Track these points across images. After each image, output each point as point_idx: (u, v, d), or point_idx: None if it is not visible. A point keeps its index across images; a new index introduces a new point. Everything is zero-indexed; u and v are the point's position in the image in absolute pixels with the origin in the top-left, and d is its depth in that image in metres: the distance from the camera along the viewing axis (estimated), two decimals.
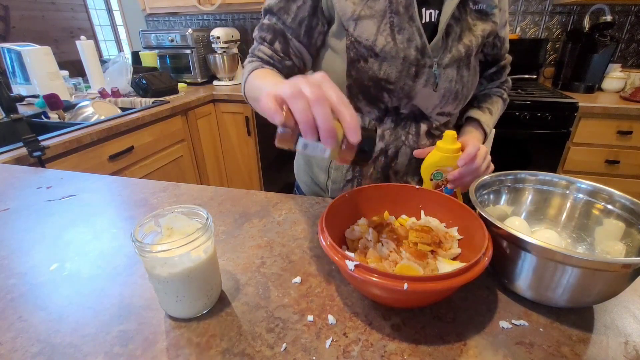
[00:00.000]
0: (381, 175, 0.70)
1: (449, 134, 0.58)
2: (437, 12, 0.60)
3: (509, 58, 0.77)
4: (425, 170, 0.61)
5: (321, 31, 0.62)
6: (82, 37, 1.95)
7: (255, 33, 0.65)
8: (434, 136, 0.69)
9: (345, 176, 0.71)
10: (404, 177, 0.70)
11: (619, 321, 0.41)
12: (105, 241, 0.58)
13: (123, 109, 1.71)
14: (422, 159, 0.65)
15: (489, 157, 0.61)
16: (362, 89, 0.61)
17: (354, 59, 0.59)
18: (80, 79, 2.13)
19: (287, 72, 0.65)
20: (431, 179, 0.60)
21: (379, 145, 0.67)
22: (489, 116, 0.72)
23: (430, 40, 0.60)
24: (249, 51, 0.67)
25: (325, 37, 0.63)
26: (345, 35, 0.59)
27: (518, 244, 0.39)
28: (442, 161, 0.58)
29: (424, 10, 0.60)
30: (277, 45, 0.63)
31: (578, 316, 0.41)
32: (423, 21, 0.60)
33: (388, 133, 0.66)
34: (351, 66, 0.60)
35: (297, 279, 0.48)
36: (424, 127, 0.67)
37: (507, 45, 0.73)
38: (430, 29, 0.60)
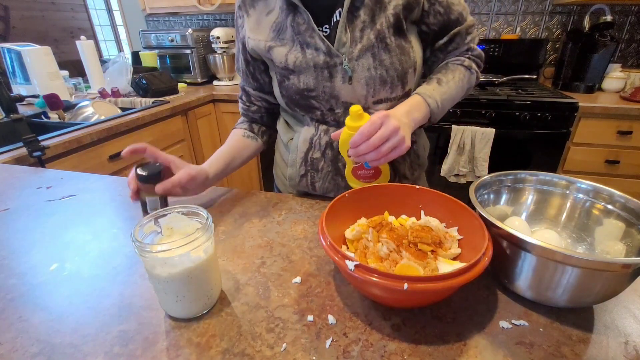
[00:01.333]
0: (331, 167, 0.72)
1: (353, 109, 0.55)
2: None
3: (468, 22, 0.68)
4: (341, 149, 0.60)
5: (261, 71, 0.75)
6: (82, 37, 1.95)
7: None
8: None
9: (299, 171, 0.75)
10: None
11: (619, 321, 0.41)
12: (105, 241, 0.58)
13: (123, 109, 1.71)
14: None
15: (396, 136, 0.54)
16: (294, 102, 0.69)
17: (280, 81, 0.68)
18: (80, 79, 2.13)
19: (259, 115, 0.82)
20: (349, 156, 0.59)
21: (324, 138, 0.70)
22: (435, 85, 0.66)
23: None
24: None
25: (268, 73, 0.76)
26: (271, 63, 0.69)
27: (518, 244, 0.39)
28: (350, 138, 0.56)
29: (335, 13, 0.63)
30: (244, 98, 0.82)
31: (578, 316, 0.41)
32: (333, 22, 0.64)
33: (333, 129, 0.69)
34: (281, 86, 0.69)
35: (297, 279, 0.48)
36: None
37: (459, 8, 0.66)
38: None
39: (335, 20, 0.63)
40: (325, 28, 0.64)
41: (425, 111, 0.64)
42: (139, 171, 0.57)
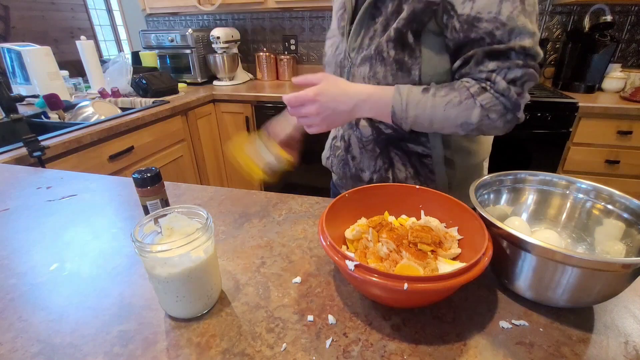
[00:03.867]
0: (344, 156, 0.78)
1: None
2: None
3: (499, 47, 0.52)
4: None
5: None
6: (82, 37, 1.95)
7: None
8: (374, 123, 0.68)
9: (326, 153, 0.84)
10: (360, 164, 0.75)
11: (619, 321, 0.41)
12: (105, 241, 0.58)
13: (123, 109, 1.71)
14: (380, 156, 0.72)
15: (309, 107, 0.59)
16: None
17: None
18: (80, 79, 2.13)
19: None
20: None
21: (340, 131, 0.77)
22: (418, 89, 0.57)
23: None
24: None
25: None
26: None
27: (518, 244, 0.39)
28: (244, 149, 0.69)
29: None
30: None
31: (578, 316, 0.41)
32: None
33: (348, 125, 0.75)
34: None
35: (297, 279, 0.48)
36: (363, 120, 0.71)
37: (488, 27, 0.51)
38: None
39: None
40: None
41: (384, 106, 0.58)
42: (136, 176, 0.56)
